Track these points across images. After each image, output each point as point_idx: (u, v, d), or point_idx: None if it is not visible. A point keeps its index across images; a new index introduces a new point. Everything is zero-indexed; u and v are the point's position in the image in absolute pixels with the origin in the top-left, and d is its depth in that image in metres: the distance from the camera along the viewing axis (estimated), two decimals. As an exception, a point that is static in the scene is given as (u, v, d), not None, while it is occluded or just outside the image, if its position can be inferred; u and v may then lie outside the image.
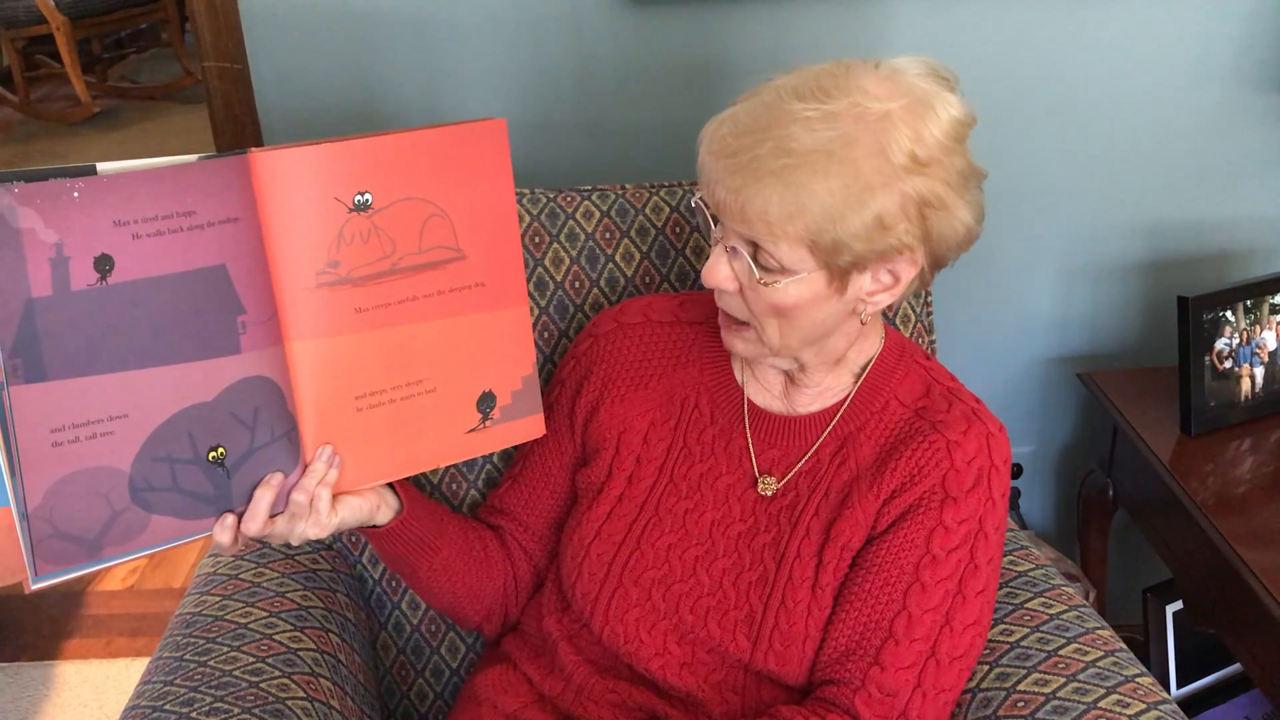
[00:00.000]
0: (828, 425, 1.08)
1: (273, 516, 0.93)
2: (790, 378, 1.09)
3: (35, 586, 0.84)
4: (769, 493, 1.07)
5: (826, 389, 1.08)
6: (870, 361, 1.08)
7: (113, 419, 0.84)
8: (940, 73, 0.98)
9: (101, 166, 0.80)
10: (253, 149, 0.87)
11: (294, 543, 0.96)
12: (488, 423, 1.02)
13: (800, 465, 1.08)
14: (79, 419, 0.83)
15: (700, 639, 1.05)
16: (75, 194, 0.79)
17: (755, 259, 0.97)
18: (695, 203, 1.03)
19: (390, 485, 1.05)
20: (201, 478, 0.89)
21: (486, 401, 1.02)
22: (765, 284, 0.97)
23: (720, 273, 0.99)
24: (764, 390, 1.11)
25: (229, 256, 0.87)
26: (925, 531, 1.01)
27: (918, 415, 1.05)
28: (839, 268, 0.96)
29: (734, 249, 0.98)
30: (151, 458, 0.86)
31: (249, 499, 0.92)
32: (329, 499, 0.95)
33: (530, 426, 1.06)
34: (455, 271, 0.98)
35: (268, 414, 0.91)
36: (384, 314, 0.94)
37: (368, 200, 0.92)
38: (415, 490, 1.09)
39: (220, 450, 0.89)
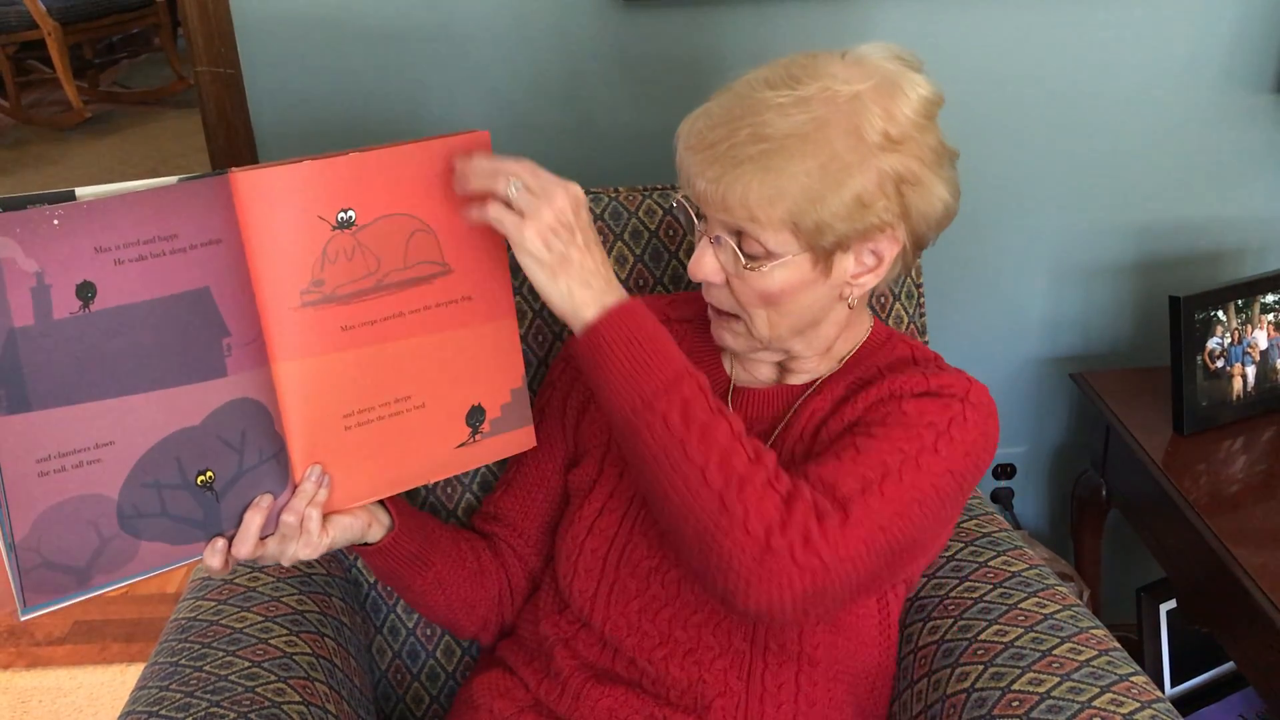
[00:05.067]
0: (807, 390, 1.10)
1: (263, 538, 0.93)
2: (782, 366, 1.11)
3: (24, 617, 0.84)
4: None
5: (815, 372, 1.11)
6: (857, 346, 1.12)
7: (99, 447, 0.84)
8: (905, 56, 1.02)
9: (81, 192, 0.80)
10: (233, 169, 0.86)
11: (285, 564, 0.96)
12: (478, 436, 1.02)
13: (779, 428, 1.09)
14: (65, 448, 0.82)
15: (705, 619, 1.05)
16: (55, 221, 0.79)
17: (740, 247, 0.99)
18: (677, 201, 1.04)
19: (381, 502, 1.05)
20: (190, 502, 0.89)
21: (476, 415, 1.02)
22: (751, 269, 0.99)
23: (706, 265, 1.02)
24: (752, 376, 1.13)
25: (213, 279, 0.86)
26: (883, 413, 1.01)
27: (895, 368, 1.08)
28: (823, 249, 0.98)
29: (718, 239, 1.00)
30: (139, 484, 0.86)
31: (239, 522, 0.91)
32: (319, 519, 0.95)
33: (520, 439, 1.06)
34: (442, 286, 0.97)
35: (255, 436, 0.90)
36: (370, 331, 0.94)
37: (351, 217, 0.91)
38: (407, 505, 1.09)
39: (209, 474, 0.89)
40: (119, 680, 2.06)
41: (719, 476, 0.91)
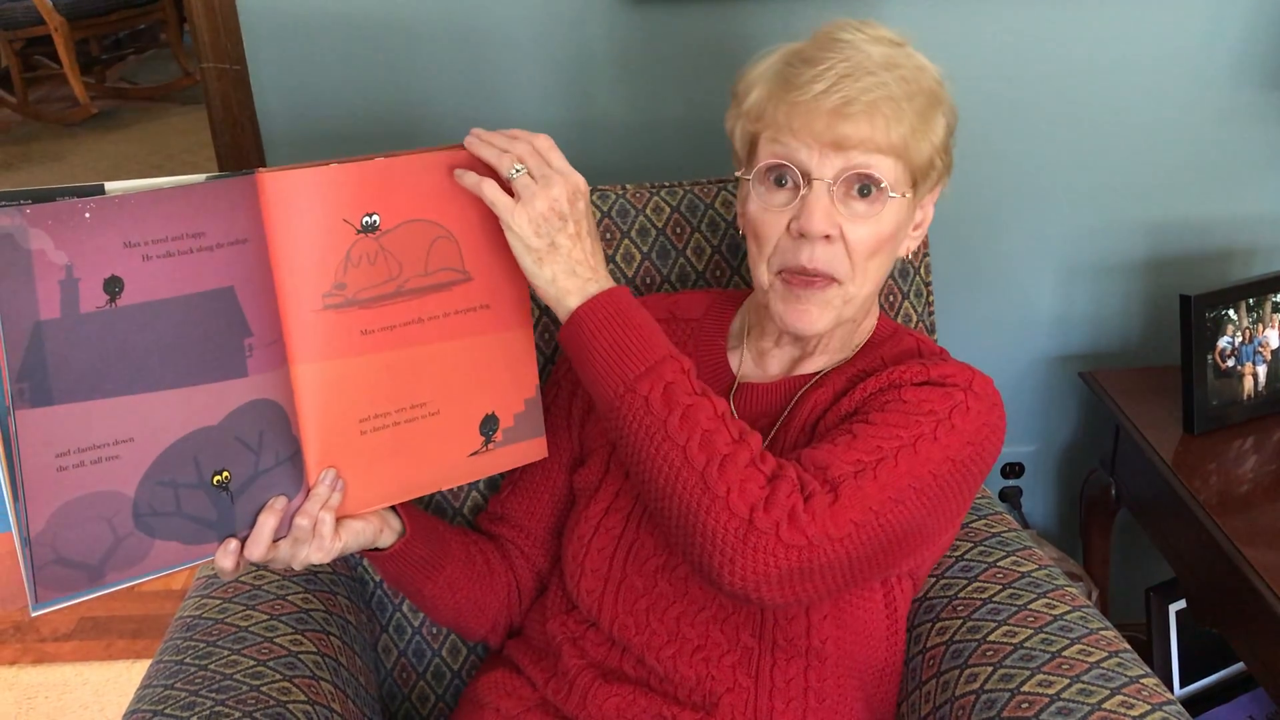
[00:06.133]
0: (809, 381, 1.10)
1: (275, 541, 0.92)
2: (805, 353, 1.11)
3: (36, 613, 0.83)
4: None
5: (829, 360, 1.11)
6: (866, 336, 1.13)
7: (118, 443, 0.83)
8: None
9: (110, 186, 0.79)
10: (260, 169, 0.86)
11: (296, 567, 0.95)
12: (490, 445, 1.02)
13: (781, 420, 1.09)
14: (84, 443, 0.82)
15: (712, 615, 1.05)
16: (86, 215, 0.78)
17: (870, 187, 1.00)
18: (769, 164, 1.01)
19: (392, 506, 1.04)
20: (205, 502, 0.88)
21: (489, 424, 1.02)
22: (868, 212, 1.00)
23: (826, 214, 0.99)
24: (762, 372, 1.13)
25: (237, 278, 0.86)
26: (882, 401, 1.02)
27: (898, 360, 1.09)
28: (925, 185, 1.03)
29: (832, 188, 1.00)
30: (156, 482, 0.85)
31: (252, 523, 0.91)
32: (332, 523, 0.94)
33: (532, 449, 1.06)
34: (461, 293, 0.97)
35: (273, 438, 0.90)
36: (389, 336, 0.94)
37: (375, 222, 0.91)
38: (416, 510, 1.09)
39: (225, 474, 0.88)
40: (124, 676, 2.06)
41: (701, 455, 0.91)
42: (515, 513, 1.19)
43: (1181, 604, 1.72)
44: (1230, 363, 1.59)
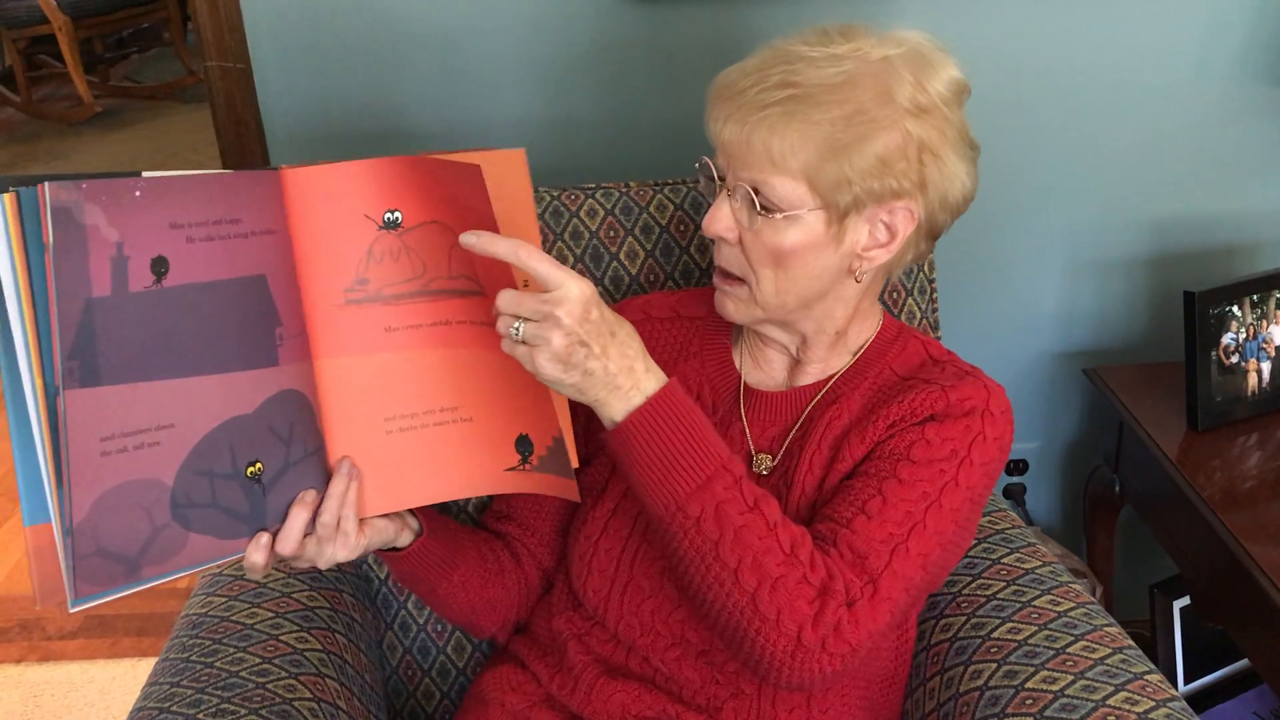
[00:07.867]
0: (819, 392, 1.09)
1: (304, 536, 0.91)
2: (794, 359, 1.11)
3: (74, 609, 0.80)
4: (764, 470, 1.08)
5: (827, 366, 1.10)
6: (868, 341, 1.11)
7: (160, 429, 0.82)
8: (937, 43, 1.03)
9: (146, 174, 0.79)
10: (284, 166, 0.87)
11: (322, 566, 0.93)
12: (527, 466, 0.98)
13: (794, 433, 1.08)
14: (129, 427, 0.80)
15: None
16: (137, 193, 0.78)
17: (756, 201, 0.98)
18: (700, 162, 1.04)
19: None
20: (239, 494, 0.87)
21: (524, 444, 0.98)
22: (765, 223, 0.98)
23: (722, 218, 1.01)
24: (764, 374, 1.13)
25: (269, 268, 0.86)
26: (906, 442, 1.01)
27: (912, 375, 1.08)
28: (838, 208, 0.98)
29: (735, 192, 1.00)
30: (193, 471, 0.84)
31: (282, 518, 0.90)
32: (355, 520, 0.93)
33: (564, 486, 0.99)
34: (485, 305, 0.93)
35: (301, 429, 0.89)
36: (415, 335, 0.92)
37: (398, 219, 0.90)
38: (431, 509, 1.08)
39: (258, 466, 0.87)
40: (130, 674, 2.06)
41: (751, 578, 0.92)
42: (521, 511, 1.19)
43: (1185, 601, 1.71)
44: (1234, 359, 1.58)
